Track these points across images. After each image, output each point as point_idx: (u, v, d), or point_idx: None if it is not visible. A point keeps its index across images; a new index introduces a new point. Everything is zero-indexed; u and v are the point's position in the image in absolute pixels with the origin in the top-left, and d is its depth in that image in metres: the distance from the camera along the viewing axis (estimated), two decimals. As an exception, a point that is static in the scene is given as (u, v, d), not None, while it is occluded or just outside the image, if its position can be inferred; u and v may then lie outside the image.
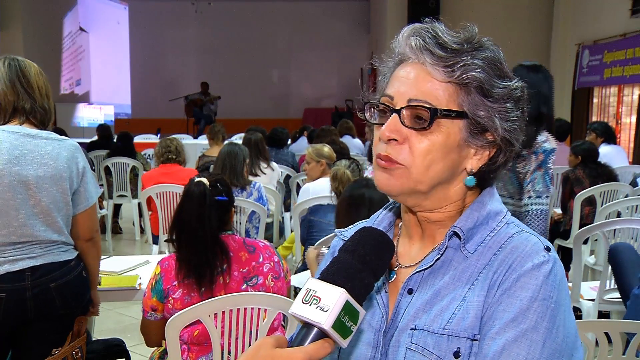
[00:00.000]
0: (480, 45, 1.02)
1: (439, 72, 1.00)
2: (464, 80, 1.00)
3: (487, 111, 1.01)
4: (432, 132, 1.00)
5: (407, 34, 1.04)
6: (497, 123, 1.01)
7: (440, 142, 1.00)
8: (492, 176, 1.08)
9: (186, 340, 2.41)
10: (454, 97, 1.00)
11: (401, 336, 1.02)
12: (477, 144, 1.03)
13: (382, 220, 1.17)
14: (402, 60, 1.05)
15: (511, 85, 1.03)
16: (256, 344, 0.90)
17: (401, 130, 1.01)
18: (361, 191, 2.91)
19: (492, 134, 1.02)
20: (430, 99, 1.00)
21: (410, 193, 1.04)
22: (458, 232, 1.03)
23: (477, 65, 1.00)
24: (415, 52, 1.02)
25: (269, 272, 2.52)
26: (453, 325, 0.98)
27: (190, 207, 2.46)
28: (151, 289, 2.47)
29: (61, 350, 2.38)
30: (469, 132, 1.02)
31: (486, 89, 1.00)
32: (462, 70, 0.99)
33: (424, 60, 1.01)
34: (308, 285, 0.91)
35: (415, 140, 1.01)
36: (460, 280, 1.01)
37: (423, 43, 1.01)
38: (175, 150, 5.29)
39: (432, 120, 0.99)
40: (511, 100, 1.03)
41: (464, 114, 1.00)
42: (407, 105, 1.01)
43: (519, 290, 0.95)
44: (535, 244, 1.00)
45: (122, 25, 17.83)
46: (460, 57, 0.99)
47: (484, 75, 1.00)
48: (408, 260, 1.11)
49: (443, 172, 1.02)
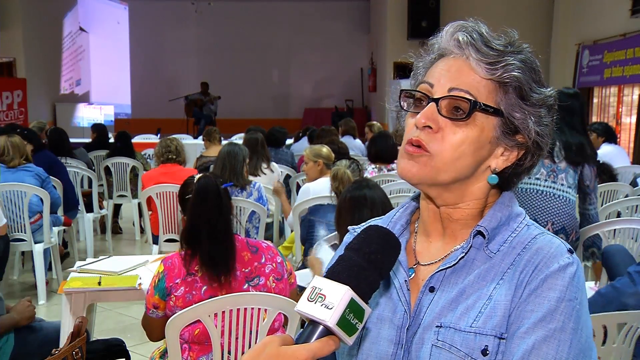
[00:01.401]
0: (521, 49, 1.06)
1: (481, 68, 1.03)
2: (504, 79, 1.02)
3: (523, 113, 1.03)
4: (468, 125, 1.02)
5: (452, 30, 1.07)
6: (530, 126, 1.04)
7: (473, 136, 1.02)
8: (516, 180, 1.10)
9: (187, 339, 2.41)
10: (493, 95, 1.03)
11: (426, 333, 1.03)
12: (507, 144, 1.05)
13: (400, 218, 1.17)
14: (443, 55, 1.07)
15: (546, 92, 1.05)
16: (262, 342, 0.91)
17: (437, 119, 1.02)
18: (362, 192, 2.91)
19: (524, 136, 1.04)
20: (472, 91, 1.02)
21: (431, 184, 1.05)
22: (483, 231, 1.04)
23: (517, 66, 1.02)
24: (461, 47, 1.04)
25: (271, 273, 2.52)
26: (480, 324, 0.99)
27: (207, 200, 2.47)
28: (154, 286, 2.47)
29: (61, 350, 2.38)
30: (502, 131, 1.04)
31: (524, 91, 1.03)
32: (504, 69, 1.02)
33: (469, 54, 1.03)
34: (314, 283, 0.92)
35: (449, 130, 1.02)
36: (485, 279, 1.02)
37: (470, 39, 1.03)
38: (176, 150, 5.30)
39: (470, 112, 1.01)
40: (545, 106, 1.05)
41: (500, 112, 1.03)
42: (447, 95, 1.02)
43: (547, 290, 0.97)
44: (559, 245, 1.02)
45: (122, 25, 17.84)
46: (503, 57, 1.02)
47: (524, 77, 1.03)
48: (427, 258, 1.11)
49: (469, 167, 1.04)
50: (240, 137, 8.31)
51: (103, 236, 7.34)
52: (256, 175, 5.32)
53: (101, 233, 7.48)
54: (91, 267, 3.30)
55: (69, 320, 2.96)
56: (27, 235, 5.00)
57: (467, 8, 11.63)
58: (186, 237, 2.49)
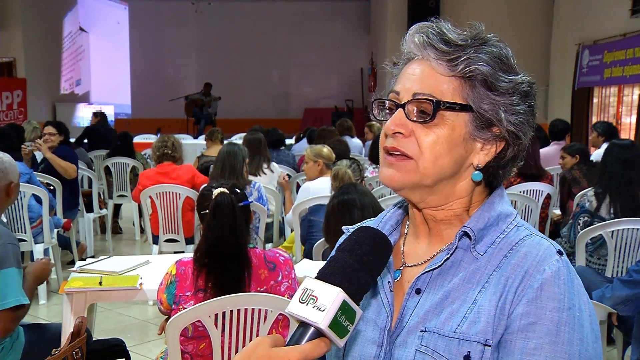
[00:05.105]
0: (485, 41, 1.04)
1: (442, 67, 1.02)
2: (467, 73, 1.01)
3: (492, 104, 1.02)
4: (438, 125, 1.01)
5: (412, 32, 1.06)
6: (502, 116, 1.02)
7: (445, 135, 1.01)
8: (501, 172, 1.08)
9: (190, 352, 2.42)
10: (459, 91, 1.01)
11: (409, 337, 1.02)
12: (483, 138, 1.03)
13: (390, 218, 1.17)
14: (410, 58, 1.07)
15: (517, 79, 1.03)
16: (253, 343, 0.91)
17: (406, 124, 1.02)
18: (352, 196, 2.91)
19: (499, 127, 1.03)
20: (434, 93, 1.01)
21: (414, 187, 1.04)
22: (469, 232, 1.03)
23: (480, 58, 1.01)
24: (419, 49, 1.04)
25: (287, 290, 2.50)
26: (464, 329, 0.98)
27: (222, 220, 2.43)
28: (166, 285, 2.47)
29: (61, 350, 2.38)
30: (475, 126, 1.03)
31: (490, 82, 1.01)
32: (466, 63, 1.00)
33: (428, 56, 1.03)
34: (305, 284, 0.91)
35: (421, 133, 1.02)
36: (470, 282, 1.01)
37: (427, 39, 1.03)
38: (172, 146, 5.31)
39: (435, 113, 1.00)
40: (517, 93, 1.03)
41: (468, 107, 1.02)
42: (411, 100, 1.02)
43: (546, 300, 0.95)
44: (548, 247, 1.00)
45: (122, 25, 17.84)
46: (464, 52, 1.01)
47: (488, 69, 1.01)
48: (414, 259, 1.10)
49: (449, 166, 1.03)
50: (240, 137, 8.31)
51: (103, 236, 7.34)
52: (256, 175, 5.32)
53: (101, 233, 7.48)
54: (92, 267, 3.30)
55: (69, 320, 2.96)
56: (27, 236, 5.00)
57: (467, 8, 11.63)
58: (200, 253, 2.46)
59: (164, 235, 5.02)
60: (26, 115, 11.67)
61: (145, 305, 4.96)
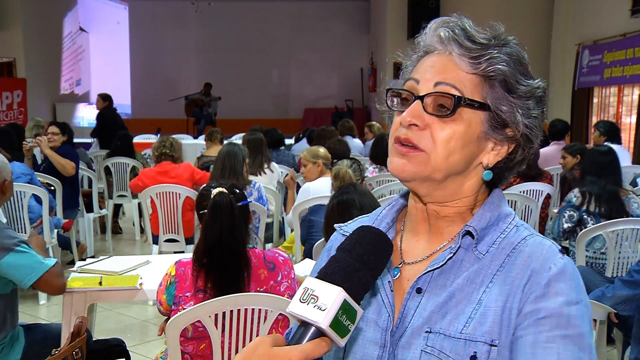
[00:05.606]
0: (506, 42, 1.04)
1: (465, 63, 1.02)
2: (489, 73, 1.01)
3: (510, 106, 1.02)
4: (454, 121, 1.01)
5: (435, 26, 1.06)
6: (518, 119, 1.02)
7: (461, 132, 1.01)
8: (507, 174, 1.09)
9: (190, 352, 2.42)
10: (478, 89, 1.02)
11: (414, 338, 1.02)
12: (496, 138, 1.04)
13: (385, 216, 1.16)
14: (428, 52, 1.07)
15: (533, 84, 1.04)
16: (254, 343, 0.90)
17: (423, 116, 1.01)
18: (351, 196, 2.91)
19: (513, 129, 1.03)
20: (457, 85, 1.01)
21: (424, 180, 1.03)
22: (472, 231, 1.03)
23: (502, 59, 1.01)
24: (443, 43, 1.03)
25: (286, 290, 2.50)
26: (470, 330, 0.98)
27: (221, 220, 2.43)
28: (166, 286, 2.47)
29: (61, 350, 2.38)
30: (490, 126, 1.03)
31: (510, 83, 1.02)
32: (488, 63, 1.01)
33: (452, 50, 1.02)
34: (306, 284, 0.91)
35: (437, 127, 1.01)
36: (474, 282, 1.01)
37: (452, 34, 1.03)
38: (170, 146, 5.35)
39: (455, 107, 1.00)
40: (533, 98, 1.04)
41: (486, 106, 1.02)
42: (431, 92, 1.01)
43: (555, 296, 0.96)
44: (550, 246, 1.01)
45: (122, 25, 17.83)
46: (487, 51, 1.01)
47: (509, 70, 1.02)
48: (413, 256, 1.10)
49: (459, 163, 1.02)
50: (240, 137, 8.31)
51: (103, 236, 7.34)
52: (256, 175, 5.33)
53: (101, 233, 7.48)
54: (92, 267, 3.30)
55: (69, 320, 2.96)
56: (27, 236, 5.00)
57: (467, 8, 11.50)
58: (198, 253, 2.46)
59: (164, 235, 5.03)
60: (26, 115, 11.67)
61: (145, 305, 4.96)
